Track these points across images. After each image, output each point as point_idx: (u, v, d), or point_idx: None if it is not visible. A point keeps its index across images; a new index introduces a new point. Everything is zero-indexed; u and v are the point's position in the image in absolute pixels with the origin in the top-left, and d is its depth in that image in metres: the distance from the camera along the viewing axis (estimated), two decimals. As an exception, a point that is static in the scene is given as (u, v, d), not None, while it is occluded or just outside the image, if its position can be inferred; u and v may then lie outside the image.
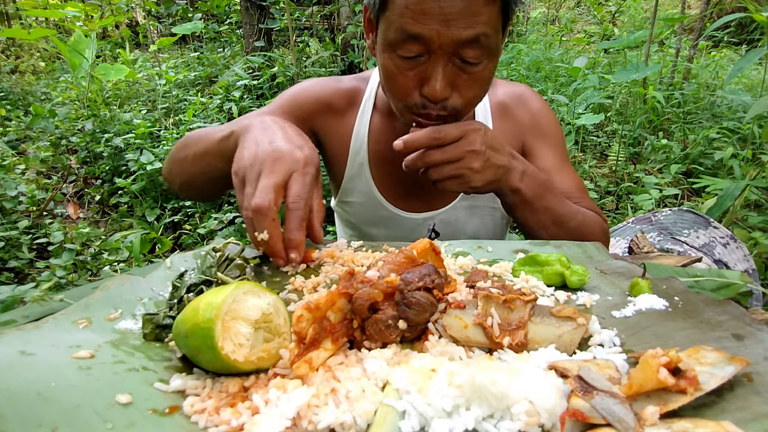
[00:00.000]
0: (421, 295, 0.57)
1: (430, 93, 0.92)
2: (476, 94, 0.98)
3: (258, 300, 0.54)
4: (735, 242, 1.41)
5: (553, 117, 1.25)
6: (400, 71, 0.93)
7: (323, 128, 1.22)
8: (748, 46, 5.79)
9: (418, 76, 0.93)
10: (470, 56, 0.90)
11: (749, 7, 2.40)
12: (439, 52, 0.89)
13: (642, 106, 3.74)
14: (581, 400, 0.43)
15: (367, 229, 1.27)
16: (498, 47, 0.95)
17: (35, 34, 3.73)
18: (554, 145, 1.22)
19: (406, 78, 0.94)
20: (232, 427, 0.44)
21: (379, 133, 1.20)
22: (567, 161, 1.23)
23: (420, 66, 0.92)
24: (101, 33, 6.66)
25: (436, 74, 0.90)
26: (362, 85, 1.23)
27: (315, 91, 1.22)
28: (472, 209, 1.22)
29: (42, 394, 0.45)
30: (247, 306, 0.53)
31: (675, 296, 0.66)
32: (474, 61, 0.91)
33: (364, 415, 0.45)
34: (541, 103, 1.24)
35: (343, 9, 4.46)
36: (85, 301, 0.65)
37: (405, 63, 0.92)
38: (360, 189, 1.23)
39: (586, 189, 1.21)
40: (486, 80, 0.97)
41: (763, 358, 0.49)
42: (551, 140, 1.22)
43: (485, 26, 0.88)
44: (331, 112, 1.21)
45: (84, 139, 3.49)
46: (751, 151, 2.77)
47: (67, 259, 2.34)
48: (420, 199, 1.21)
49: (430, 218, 1.21)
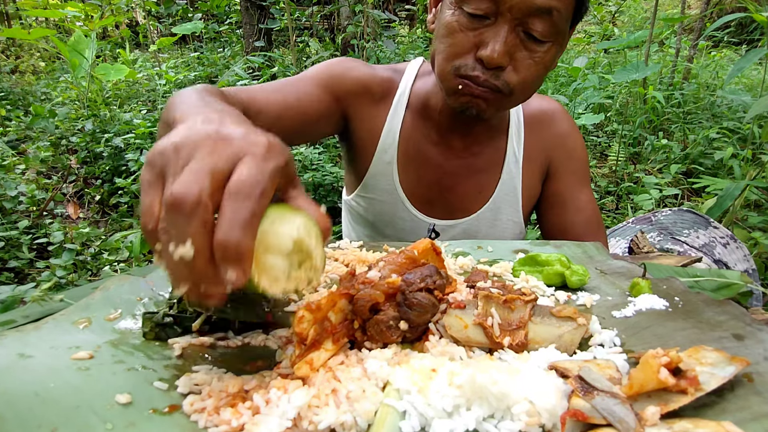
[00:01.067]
0: (422, 296, 0.57)
1: (486, 54, 0.88)
2: (533, 78, 0.95)
3: (287, 227, 0.48)
4: (735, 242, 1.41)
5: (581, 141, 1.26)
6: (461, 28, 0.91)
7: (357, 112, 1.16)
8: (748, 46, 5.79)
9: (477, 38, 0.90)
10: (538, 29, 0.88)
11: (749, 7, 2.40)
12: (507, 15, 0.87)
13: (642, 106, 3.74)
14: (582, 400, 0.43)
15: (381, 227, 1.24)
16: (565, 36, 0.94)
17: (35, 34, 3.73)
18: (577, 170, 1.23)
19: (465, 36, 0.91)
20: (232, 427, 0.44)
21: (410, 132, 1.16)
22: (588, 187, 1.23)
23: (483, 28, 0.90)
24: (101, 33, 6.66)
25: (498, 37, 0.88)
26: (396, 77, 1.19)
27: (356, 71, 1.14)
28: (495, 221, 1.21)
29: (41, 395, 0.45)
30: (278, 236, 0.47)
31: (675, 296, 0.66)
32: (540, 37, 0.89)
33: (365, 415, 0.45)
34: (571, 125, 1.25)
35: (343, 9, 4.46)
36: (85, 301, 0.65)
37: (469, 21, 0.90)
38: (383, 186, 1.19)
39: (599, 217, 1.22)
40: (545, 66, 0.95)
41: (763, 358, 0.49)
42: (575, 164, 1.23)
43: (560, 2, 0.87)
44: (368, 97, 1.15)
45: (84, 139, 3.49)
46: (751, 151, 2.77)
47: (67, 259, 2.34)
48: (444, 206, 1.19)
49: (450, 226, 1.19)
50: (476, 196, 1.19)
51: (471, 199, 1.19)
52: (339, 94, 1.11)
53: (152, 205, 0.45)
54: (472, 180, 1.18)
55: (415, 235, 1.20)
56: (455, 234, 1.20)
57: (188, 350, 0.57)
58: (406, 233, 1.21)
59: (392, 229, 1.22)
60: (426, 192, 1.19)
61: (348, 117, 1.16)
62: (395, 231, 1.22)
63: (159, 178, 0.46)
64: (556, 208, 1.22)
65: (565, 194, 1.21)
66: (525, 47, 0.91)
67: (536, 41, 0.90)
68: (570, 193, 1.21)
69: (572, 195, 1.20)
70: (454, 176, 1.17)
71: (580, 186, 1.21)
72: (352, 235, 1.33)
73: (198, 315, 0.61)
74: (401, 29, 6.76)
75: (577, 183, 1.21)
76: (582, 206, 1.19)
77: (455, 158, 1.16)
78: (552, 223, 1.23)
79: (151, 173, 0.46)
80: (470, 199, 1.19)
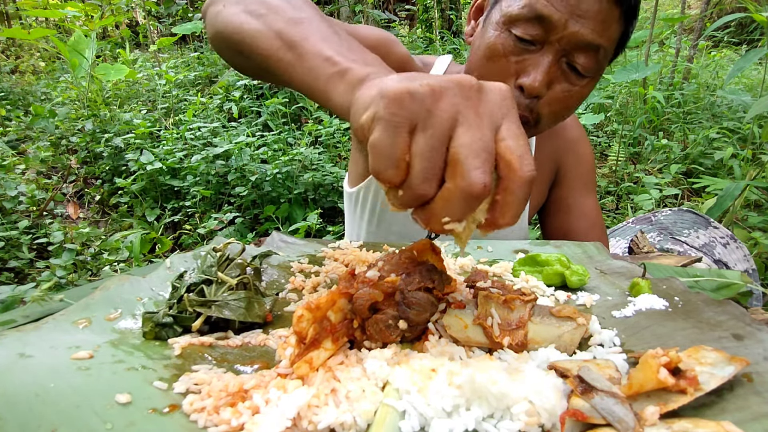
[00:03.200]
0: (421, 295, 0.57)
1: (528, 83, 0.87)
2: (564, 111, 0.94)
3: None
4: (735, 242, 1.41)
5: (590, 148, 1.27)
6: (505, 52, 0.89)
7: None
8: (748, 46, 5.79)
9: (520, 65, 0.89)
10: (581, 63, 0.87)
11: (749, 7, 2.39)
12: (555, 45, 0.86)
13: (642, 106, 3.74)
14: (581, 400, 0.43)
15: (387, 223, 1.22)
16: (602, 71, 0.93)
17: (35, 34, 3.73)
18: (584, 176, 1.24)
19: (507, 61, 0.89)
20: (232, 426, 0.44)
21: None
22: (593, 192, 1.25)
23: (527, 54, 0.88)
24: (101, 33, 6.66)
25: (542, 66, 0.86)
26: (425, 70, 1.16)
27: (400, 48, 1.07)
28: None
29: (40, 395, 0.45)
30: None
31: (675, 296, 0.66)
32: (582, 71, 0.88)
33: (364, 415, 0.45)
34: (581, 132, 1.26)
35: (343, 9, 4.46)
36: (85, 301, 0.65)
37: (515, 45, 0.88)
38: None
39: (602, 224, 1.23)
40: (578, 101, 0.93)
41: (763, 358, 0.49)
42: (583, 170, 1.24)
43: (609, 41, 0.86)
44: None
45: (84, 139, 3.49)
46: (751, 151, 2.77)
47: (67, 259, 2.34)
48: None
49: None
50: None
51: None
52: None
53: (399, 153, 0.42)
54: None
55: (419, 232, 1.20)
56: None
57: (188, 350, 0.57)
58: (410, 230, 1.21)
59: (398, 225, 1.22)
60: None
61: None
62: (400, 226, 1.22)
63: (406, 123, 0.42)
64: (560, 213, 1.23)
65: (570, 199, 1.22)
66: (566, 79, 0.89)
67: (578, 74, 0.89)
68: (575, 198, 1.22)
69: (577, 200, 1.21)
70: None
71: (586, 192, 1.22)
72: (354, 232, 1.32)
73: (198, 315, 0.61)
74: (401, 29, 6.76)
75: (584, 189, 1.22)
76: (586, 212, 1.20)
77: None
78: (555, 228, 1.23)
79: (397, 116, 0.42)
80: None
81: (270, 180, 2.97)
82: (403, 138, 0.42)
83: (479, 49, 0.94)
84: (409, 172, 0.43)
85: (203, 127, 3.46)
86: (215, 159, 3.13)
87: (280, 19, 0.63)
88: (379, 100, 0.43)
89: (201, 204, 3.04)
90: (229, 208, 3.06)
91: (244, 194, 2.96)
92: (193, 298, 0.62)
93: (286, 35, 0.61)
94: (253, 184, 2.96)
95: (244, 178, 3.03)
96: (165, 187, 3.15)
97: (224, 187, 3.14)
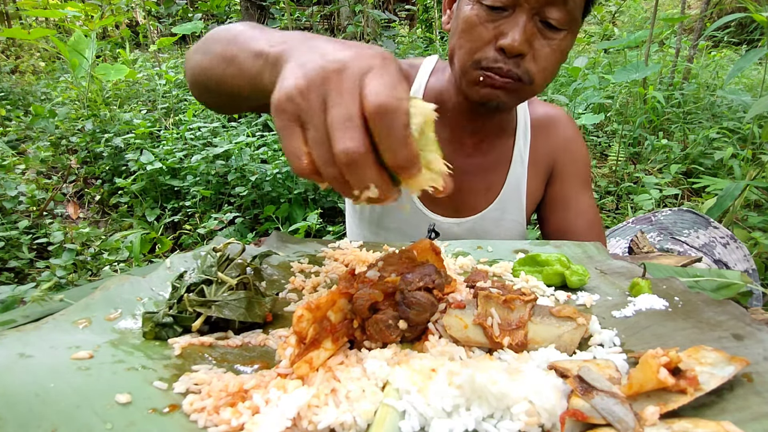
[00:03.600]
0: (421, 295, 0.57)
1: (507, 43, 0.91)
2: (551, 66, 0.98)
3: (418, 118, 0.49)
4: (735, 242, 1.41)
5: (584, 146, 1.29)
6: (480, 21, 0.94)
7: None
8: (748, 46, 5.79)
9: (497, 29, 0.93)
10: (554, 17, 0.91)
11: (749, 7, 2.39)
12: (524, 5, 0.90)
13: (642, 106, 3.74)
14: (581, 400, 0.43)
15: (387, 223, 1.24)
16: (578, 24, 0.97)
17: (35, 34, 3.73)
18: (580, 174, 1.25)
19: (485, 29, 0.94)
20: (232, 426, 0.44)
21: None
22: (589, 192, 1.26)
23: (502, 20, 0.93)
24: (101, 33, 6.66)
25: (517, 27, 0.91)
26: (412, 72, 1.21)
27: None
28: (500, 221, 1.23)
29: (40, 395, 0.45)
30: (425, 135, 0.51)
31: (675, 296, 0.66)
32: (557, 25, 0.92)
33: (364, 415, 0.45)
34: (575, 131, 1.28)
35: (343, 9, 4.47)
36: (85, 301, 0.65)
37: (488, 14, 0.93)
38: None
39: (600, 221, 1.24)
40: (561, 54, 0.97)
41: (763, 358, 0.49)
42: (578, 168, 1.25)
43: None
44: None
45: (84, 139, 3.49)
46: (751, 151, 2.77)
47: (67, 259, 2.34)
48: (451, 203, 1.20)
49: (456, 224, 1.21)
50: (483, 194, 1.21)
51: (478, 197, 1.21)
52: None
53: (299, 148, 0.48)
54: (480, 178, 1.20)
55: (420, 231, 1.20)
56: (460, 232, 1.20)
57: (188, 350, 0.58)
58: (410, 228, 1.21)
59: (398, 225, 1.23)
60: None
61: None
62: (399, 226, 1.22)
63: (295, 122, 0.48)
64: (558, 211, 1.24)
65: (567, 197, 1.23)
66: (543, 35, 0.94)
67: (553, 29, 0.93)
68: (572, 196, 1.23)
69: (574, 198, 1.22)
70: (462, 174, 1.18)
71: (582, 190, 1.23)
72: (355, 231, 1.32)
73: (198, 315, 0.61)
74: (401, 29, 6.76)
75: (580, 187, 1.23)
76: (583, 209, 1.21)
77: (465, 156, 1.18)
78: (553, 226, 1.24)
79: (285, 120, 0.48)
80: (477, 197, 1.20)
81: (270, 180, 2.97)
82: (297, 138, 0.48)
83: (458, 25, 0.98)
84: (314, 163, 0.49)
85: (203, 127, 3.45)
86: (215, 159, 3.13)
87: (220, 44, 0.68)
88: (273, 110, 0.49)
89: (201, 204, 3.04)
90: (229, 208, 3.06)
91: (244, 194, 2.96)
92: (193, 298, 0.62)
93: (227, 54, 0.65)
94: (253, 184, 2.96)
95: (244, 178, 3.03)
96: (165, 187, 3.15)
97: (224, 187, 3.14)
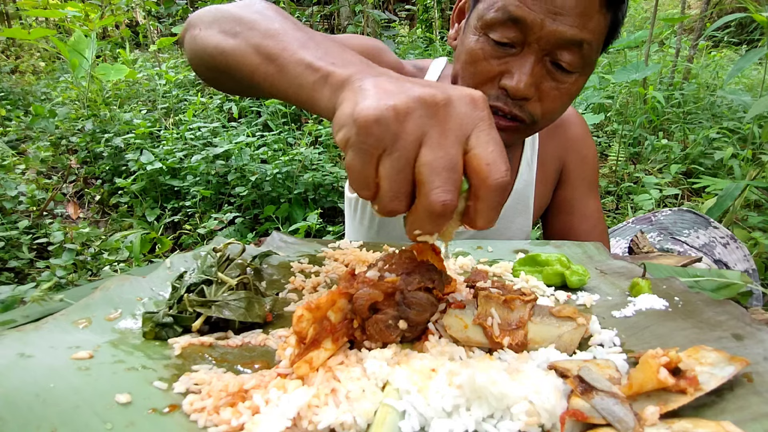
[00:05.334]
0: (421, 295, 0.57)
1: (512, 86, 0.84)
2: (558, 109, 0.92)
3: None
4: (735, 242, 1.41)
5: (594, 147, 1.26)
6: (485, 56, 0.87)
7: None
8: (748, 46, 5.79)
9: (502, 66, 0.87)
10: (566, 61, 0.84)
11: (749, 7, 2.39)
12: (534, 45, 0.83)
13: (642, 106, 3.74)
14: (581, 400, 0.43)
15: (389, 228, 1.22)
16: (593, 64, 0.90)
17: (35, 34, 3.73)
18: (588, 176, 1.23)
19: (489, 65, 0.87)
20: (232, 426, 0.44)
21: None
22: (596, 195, 1.24)
23: (508, 57, 0.86)
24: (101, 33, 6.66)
25: (524, 68, 0.84)
26: (419, 75, 1.16)
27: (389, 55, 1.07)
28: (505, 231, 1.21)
29: (40, 395, 0.45)
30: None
31: (675, 296, 0.66)
32: (568, 68, 0.85)
33: (364, 415, 0.45)
34: (585, 130, 1.24)
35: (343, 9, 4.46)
36: (85, 301, 0.65)
37: (494, 49, 0.86)
38: None
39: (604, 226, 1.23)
40: (571, 97, 0.91)
41: (763, 358, 0.49)
42: (587, 170, 1.23)
43: (592, 34, 0.83)
44: None
45: (84, 139, 3.49)
46: (751, 151, 2.77)
47: (67, 259, 2.34)
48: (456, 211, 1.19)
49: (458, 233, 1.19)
50: None
51: None
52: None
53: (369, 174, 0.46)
54: None
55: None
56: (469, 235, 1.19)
57: (188, 350, 0.57)
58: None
59: (400, 230, 1.22)
60: None
61: None
62: (401, 231, 1.21)
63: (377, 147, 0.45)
64: (563, 214, 1.22)
65: (573, 201, 1.21)
66: (552, 77, 0.87)
67: (564, 71, 0.86)
68: (578, 199, 1.21)
69: (580, 202, 1.21)
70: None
71: (589, 193, 1.22)
72: (354, 235, 1.32)
73: (198, 315, 0.61)
74: (401, 29, 6.76)
75: (587, 190, 1.22)
76: (589, 214, 1.20)
77: None
78: (557, 228, 1.23)
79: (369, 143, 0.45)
80: None
81: (270, 180, 2.97)
82: (371, 162, 0.46)
83: (461, 54, 0.92)
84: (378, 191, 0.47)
85: (203, 127, 3.45)
86: (215, 159, 3.13)
87: (257, 34, 0.64)
88: (351, 124, 0.45)
89: (201, 204, 3.04)
90: (229, 208, 3.06)
91: (244, 194, 2.96)
92: (193, 299, 0.62)
93: (264, 49, 0.62)
94: (253, 184, 2.96)
95: (244, 178, 3.03)
96: (165, 187, 3.15)
97: (224, 187, 3.14)
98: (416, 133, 0.45)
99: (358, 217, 1.27)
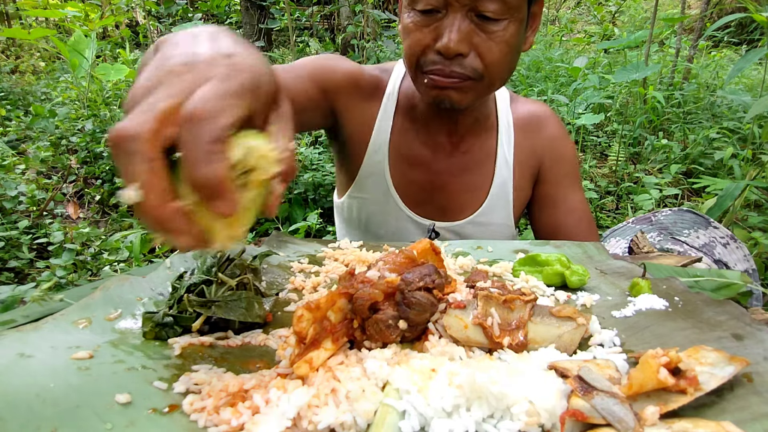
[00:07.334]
0: (421, 295, 0.57)
1: (443, 45, 0.90)
2: (498, 58, 0.95)
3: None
4: (735, 242, 1.41)
5: (571, 144, 1.27)
6: (416, 27, 0.93)
7: (348, 109, 1.15)
8: (748, 46, 5.79)
9: (433, 33, 0.93)
10: (489, 10, 0.89)
11: (749, 7, 2.39)
12: (456, 4, 0.89)
13: (642, 106, 3.74)
14: (581, 400, 0.43)
15: (375, 228, 1.24)
16: (522, 10, 0.94)
17: (35, 34, 3.73)
18: (568, 172, 1.24)
19: (422, 34, 0.93)
20: (232, 426, 0.44)
21: (401, 132, 1.17)
22: (579, 189, 1.25)
23: (437, 22, 0.92)
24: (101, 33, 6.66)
25: (451, 27, 0.90)
26: (384, 77, 1.19)
27: (344, 66, 1.14)
28: (487, 226, 1.22)
29: (41, 395, 0.45)
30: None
31: (675, 296, 0.66)
32: (493, 16, 0.90)
33: (364, 415, 0.45)
34: (561, 129, 1.26)
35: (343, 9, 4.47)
36: (84, 301, 0.65)
37: (422, 18, 0.93)
38: (376, 185, 1.19)
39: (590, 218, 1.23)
40: (508, 44, 0.94)
41: (763, 358, 0.49)
42: (566, 167, 1.24)
43: None
44: (357, 93, 1.15)
45: (84, 139, 3.49)
46: (751, 151, 2.77)
47: (67, 259, 2.34)
48: (437, 207, 1.19)
49: (443, 229, 1.20)
50: (468, 196, 1.20)
51: (463, 199, 1.20)
52: (327, 87, 1.11)
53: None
54: (463, 179, 1.18)
55: (409, 235, 1.20)
56: (447, 237, 1.20)
57: (188, 350, 0.58)
58: (400, 233, 1.21)
59: (386, 230, 1.23)
60: (418, 192, 1.19)
61: (337, 112, 1.15)
62: (388, 232, 1.22)
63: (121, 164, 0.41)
64: (547, 209, 1.23)
65: (556, 196, 1.22)
66: (482, 30, 0.92)
67: (491, 21, 0.91)
68: (561, 194, 1.22)
69: (563, 196, 1.21)
70: (444, 175, 1.17)
71: (571, 187, 1.22)
72: (344, 236, 1.32)
73: (198, 315, 0.61)
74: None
75: (569, 185, 1.22)
76: (573, 207, 1.20)
77: (445, 157, 1.17)
78: (543, 224, 1.24)
79: (118, 161, 0.41)
80: (462, 199, 1.19)
81: (270, 180, 2.97)
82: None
83: (401, 34, 0.99)
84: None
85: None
86: (215, 159, 3.12)
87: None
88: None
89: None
90: (229, 208, 3.05)
91: (244, 194, 2.96)
92: (194, 299, 0.62)
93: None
94: (253, 184, 2.96)
95: (244, 178, 3.02)
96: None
97: (224, 187, 3.14)
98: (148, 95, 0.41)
99: (346, 221, 1.29)
